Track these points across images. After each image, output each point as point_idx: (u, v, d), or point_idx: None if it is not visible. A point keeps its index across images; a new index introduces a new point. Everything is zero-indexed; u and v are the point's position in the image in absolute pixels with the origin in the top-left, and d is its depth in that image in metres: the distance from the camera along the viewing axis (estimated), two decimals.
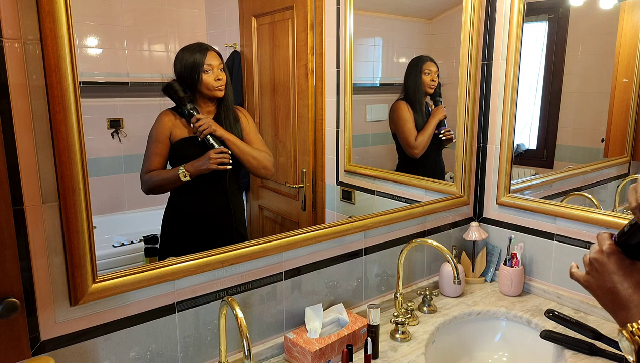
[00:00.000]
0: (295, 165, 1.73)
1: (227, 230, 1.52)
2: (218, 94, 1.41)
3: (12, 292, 0.82)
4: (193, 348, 1.20)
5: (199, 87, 1.38)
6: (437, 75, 1.82)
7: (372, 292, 1.60)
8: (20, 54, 0.86)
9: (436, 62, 1.83)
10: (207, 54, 1.38)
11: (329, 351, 1.27)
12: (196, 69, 1.37)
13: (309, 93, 1.67)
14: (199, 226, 1.46)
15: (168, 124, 1.39)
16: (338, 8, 1.68)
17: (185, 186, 1.39)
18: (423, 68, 1.81)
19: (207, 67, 1.37)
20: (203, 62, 1.37)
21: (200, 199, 1.46)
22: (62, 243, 0.95)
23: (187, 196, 1.43)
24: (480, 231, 1.80)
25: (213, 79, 1.39)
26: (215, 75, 1.39)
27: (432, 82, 1.82)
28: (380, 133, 1.88)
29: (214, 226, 1.49)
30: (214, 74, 1.38)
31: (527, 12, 1.65)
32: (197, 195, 1.44)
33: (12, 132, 0.87)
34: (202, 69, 1.37)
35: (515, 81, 1.69)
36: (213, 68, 1.38)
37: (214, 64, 1.38)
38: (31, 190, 0.90)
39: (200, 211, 1.47)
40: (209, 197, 1.47)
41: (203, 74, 1.37)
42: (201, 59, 1.37)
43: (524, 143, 1.83)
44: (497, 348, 1.58)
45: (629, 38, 1.57)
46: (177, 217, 1.43)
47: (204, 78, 1.38)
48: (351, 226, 1.47)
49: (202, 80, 1.38)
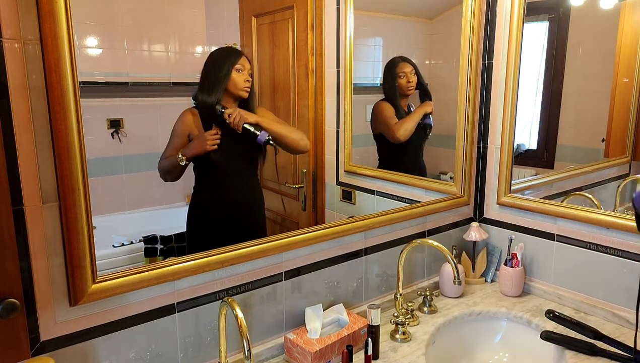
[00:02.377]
0: (295, 165, 1.73)
1: (250, 224, 1.57)
2: (243, 94, 1.47)
3: (12, 292, 0.82)
4: (193, 349, 1.19)
5: (227, 84, 1.44)
6: (413, 74, 1.80)
7: (373, 293, 1.60)
8: (20, 54, 0.86)
9: (410, 60, 1.80)
10: (242, 56, 1.47)
11: (329, 351, 1.27)
12: (229, 66, 1.43)
13: (309, 93, 1.67)
14: (223, 220, 1.50)
15: (189, 122, 1.44)
16: (338, 8, 1.68)
17: (208, 180, 1.46)
18: (397, 72, 1.80)
19: (240, 66, 1.44)
20: (238, 61, 1.44)
21: (224, 193, 1.52)
22: (62, 244, 0.95)
23: (210, 191, 1.49)
24: (481, 231, 1.80)
25: (243, 79, 1.45)
26: (245, 77, 1.46)
27: (408, 83, 1.80)
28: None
29: (237, 220, 1.53)
30: (244, 75, 1.45)
31: (528, 12, 1.65)
32: (219, 190, 1.50)
33: (12, 132, 0.86)
34: (234, 67, 1.44)
35: (515, 81, 1.69)
36: (245, 69, 1.45)
37: (246, 66, 1.46)
38: (31, 190, 0.90)
39: (224, 205, 1.52)
40: (233, 191, 1.53)
41: (234, 72, 1.44)
42: (236, 59, 1.44)
43: (524, 143, 1.83)
44: (497, 349, 1.58)
45: (629, 38, 1.57)
46: (201, 212, 1.48)
47: (234, 76, 1.44)
48: (351, 226, 1.47)
49: (232, 77, 1.44)
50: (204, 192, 1.48)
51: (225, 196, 1.52)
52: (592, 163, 1.76)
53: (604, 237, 1.52)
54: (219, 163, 1.44)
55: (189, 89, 1.49)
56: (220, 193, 1.51)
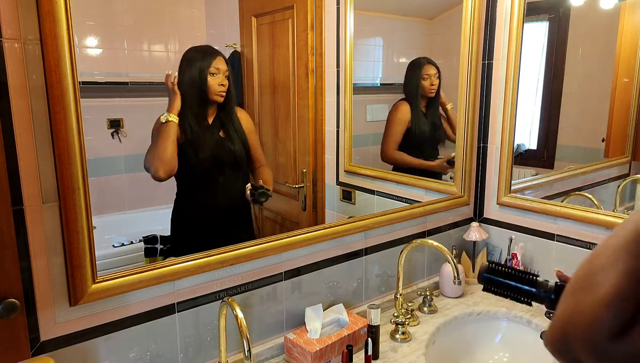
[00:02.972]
0: (295, 165, 1.73)
1: (236, 229, 1.54)
2: (218, 99, 1.41)
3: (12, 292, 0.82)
4: (193, 349, 1.19)
5: (204, 88, 1.38)
6: (437, 77, 1.82)
7: (373, 293, 1.60)
8: (20, 54, 0.86)
9: (435, 63, 1.82)
10: (216, 57, 1.39)
11: (329, 351, 1.27)
12: (203, 70, 1.37)
13: (309, 93, 1.66)
14: (208, 226, 1.47)
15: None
16: (338, 8, 1.68)
17: (191, 184, 1.41)
18: (421, 73, 1.80)
19: (214, 69, 1.38)
20: (211, 63, 1.37)
21: (207, 198, 1.47)
22: (62, 244, 0.95)
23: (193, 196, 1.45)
24: (481, 231, 1.80)
25: (217, 83, 1.39)
26: (220, 80, 1.39)
27: (431, 86, 1.81)
28: (380, 133, 1.88)
29: (222, 225, 1.50)
30: (219, 78, 1.39)
31: (528, 12, 1.65)
32: (203, 195, 1.46)
33: (12, 132, 0.86)
34: (208, 71, 1.37)
35: (515, 81, 1.69)
36: (219, 72, 1.39)
37: (221, 68, 1.39)
38: (31, 190, 0.90)
39: (208, 211, 1.48)
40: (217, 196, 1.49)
41: (209, 76, 1.38)
42: (210, 60, 1.37)
43: (524, 143, 1.83)
44: (497, 349, 1.58)
45: (629, 38, 1.56)
46: (186, 215, 1.45)
47: (209, 80, 1.38)
48: (351, 226, 1.47)
49: (207, 82, 1.38)
50: (186, 198, 1.44)
51: (209, 201, 1.48)
52: (592, 163, 1.76)
53: (604, 237, 1.51)
54: (203, 168, 1.41)
55: None
56: (204, 198, 1.47)
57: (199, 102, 1.39)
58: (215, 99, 1.41)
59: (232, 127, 1.46)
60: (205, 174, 1.44)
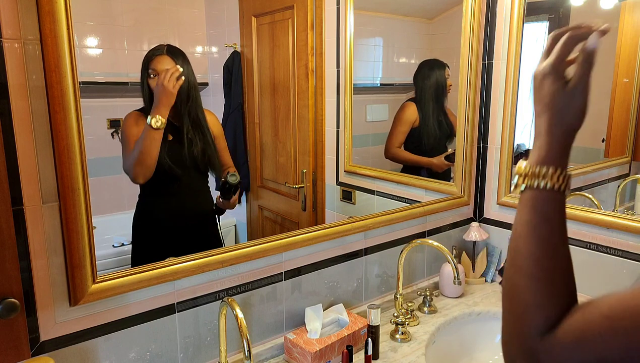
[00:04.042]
0: (295, 166, 1.73)
1: (201, 233, 1.50)
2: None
3: (11, 292, 0.82)
4: (193, 349, 1.19)
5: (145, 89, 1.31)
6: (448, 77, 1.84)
7: (372, 293, 1.60)
8: (20, 54, 0.86)
9: (447, 65, 1.84)
10: (155, 58, 1.31)
11: (329, 351, 1.27)
12: (143, 72, 1.32)
13: (309, 93, 1.66)
14: (171, 229, 1.41)
15: (133, 124, 1.34)
16: (338, 8, 1.68)
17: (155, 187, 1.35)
18: (444, 74, 1.82)
19: (152, 72, 1.31)
20: (148, 66, 1.31)
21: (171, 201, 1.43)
22: (62, 244, 0.95)
23: (154, 198, 1.40)
24: (481, 231, 1.80)
25: (155, 84, 1.31)
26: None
27: (450, 86, 1.83)
28: (380, 133, 1.88)
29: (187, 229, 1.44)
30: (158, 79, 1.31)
31: (528, 12, 1.65)
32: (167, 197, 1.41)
33: (12, 132, 0.86)
34: (146, 74, 1.31)
35: (515, 81, 1.69)
36: (158, 73, 1.30)
37: (160, 68, 1.30)
38: (31, 190, 0.90)
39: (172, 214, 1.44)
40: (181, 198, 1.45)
41: (148, 79, 1.31)
42: (146, 62, 1.31)
43: (524, 143, 1.83)
44: (497, 349, 1.58)
45: (629, 38, 1.56)
46: (147, 221, 1.39)
47: (148, 81, 1.32)
48: (351, 226, 1.47)
49: (147, 83, 1.31)
50: (150, 201, 1.39)
51: (173, 204, 1.43)
52: (592, 163, 1.76)
53: (604, 237, 1.52)
54: (167, 169, 1.35)
55: None
56: (167, 201, 1.42)
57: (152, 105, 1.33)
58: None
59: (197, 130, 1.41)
60: (165, 178, 1.37)
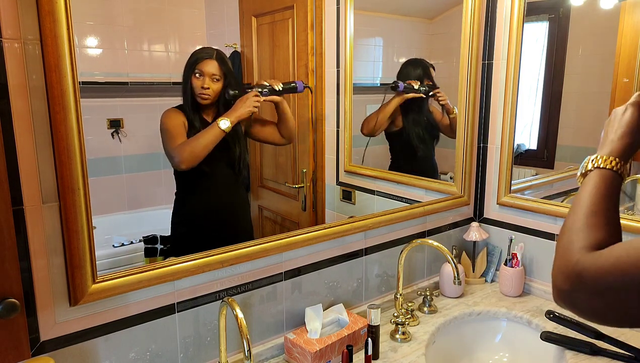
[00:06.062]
0: (295, 165, 1.73)
1: (236, 230, 1.54)
2: (199, 100, 1.40)
3: (11, 292, 0.82)
4: (193, 349, 1.19)
5: (189, 89, 1.39)
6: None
7: (373, 293, 1.60)
8: (20, 54, 0.86)
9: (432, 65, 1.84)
10: (204, 60, 1.39)
11: (329, 351, 1.27)
12: (187, 70, 1.38)
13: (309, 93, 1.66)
14: (208, 227, 1.47)
15: (174, 117, 1.41)
16: (338, 8, 1.68)
17: (192, 185, 1.41)
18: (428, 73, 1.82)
19: (198, 72, 1.38)
20: (194, 66, 1.38)
21: (209, 199, 1.48)
22: (62, 244, 0.95)
23: (194, 197, 1.45)
24: (481, 231, 1.80)
25: (199, 85, 1.38)
26: (203, 83, 1.38)
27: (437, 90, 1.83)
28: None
29: (223, 226, 1.50)
30: (202, 81, 1.38)
31: (528, 12, 1.65)
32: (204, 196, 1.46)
33: (12, 132, 0.86)
34: (191, 73, 1.38)
35: (515, 81, 1.69)
36: (205, 75, 1.38)
37: (207, 71, 1.38)
38: (31, 190, 0.90)
39: (209, 211, 1.49)
40: (217, 196, 1.50)
41: (193, 78, 1.38)
42: (193, 63, 1.38)
43: (524, 143, 1.83)
44: (497, 349, 1.58)
45: (629, 38, 1.56)
46: (186, 219, 1.45)
47: (192, 80, 1.38)
48: (351, 226, 1.47)
49: (190, 81, 1.38)
50: (188, 198, 1.44)
51: (210, 202, 1.49)
52: None
53: None
54: (204, 168, 1.39)
55: None
56: (205, 199, 1.48)
57: (192, 103, 1.40)
58: (197, 100, 1.40)
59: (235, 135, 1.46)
60: (209, 174, 1.44)
